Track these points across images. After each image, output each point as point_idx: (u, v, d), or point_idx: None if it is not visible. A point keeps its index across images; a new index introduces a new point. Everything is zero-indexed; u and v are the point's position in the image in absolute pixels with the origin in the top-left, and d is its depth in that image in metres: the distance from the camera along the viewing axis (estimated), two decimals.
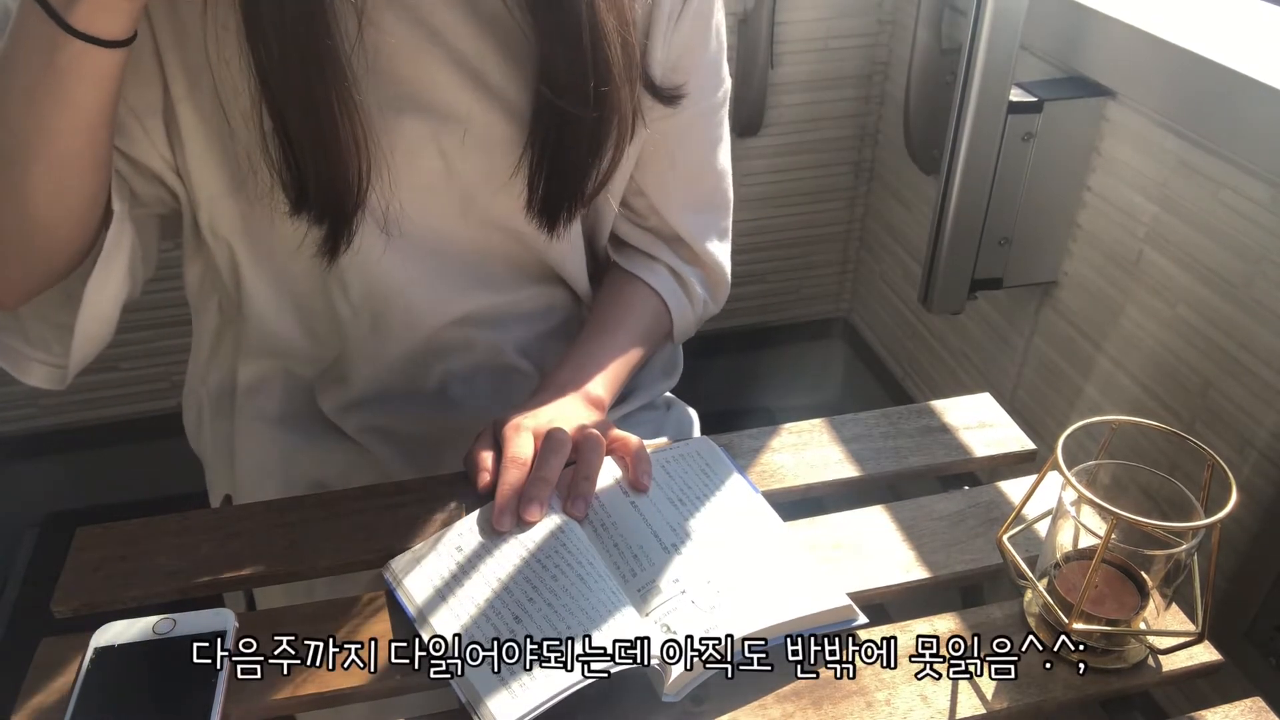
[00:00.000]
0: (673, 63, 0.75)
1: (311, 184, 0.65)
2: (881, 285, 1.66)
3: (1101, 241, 1.09)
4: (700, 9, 0.74)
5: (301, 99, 0.62)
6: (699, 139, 0.81)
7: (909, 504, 0.71)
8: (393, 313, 0.77)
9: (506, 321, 0.82)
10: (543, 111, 0.69)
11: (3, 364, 0.71)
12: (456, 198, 0.73)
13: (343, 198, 0.66)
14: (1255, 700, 0.58)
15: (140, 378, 1.55)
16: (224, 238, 0.73)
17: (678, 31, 0.73)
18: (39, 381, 0.73)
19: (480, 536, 0.64)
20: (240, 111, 0.66)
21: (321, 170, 0.65)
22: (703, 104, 0.79)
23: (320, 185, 0.65)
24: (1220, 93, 0.90)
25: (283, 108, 0.62)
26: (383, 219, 0.70)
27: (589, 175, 0.72)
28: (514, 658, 0.56)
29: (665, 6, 0.72)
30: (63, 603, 0.63)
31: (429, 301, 0.77)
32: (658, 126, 0.76)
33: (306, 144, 0.64)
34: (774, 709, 0.57)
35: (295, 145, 0.64)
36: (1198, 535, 0.57)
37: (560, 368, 0.78)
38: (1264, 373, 0.90)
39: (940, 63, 1.33)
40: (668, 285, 0.85)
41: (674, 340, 0.90)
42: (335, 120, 0.63)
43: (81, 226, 0.65)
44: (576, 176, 0.72)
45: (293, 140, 0.64)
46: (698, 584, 0.61)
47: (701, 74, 0.77)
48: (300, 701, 0.57)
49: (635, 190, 0.81)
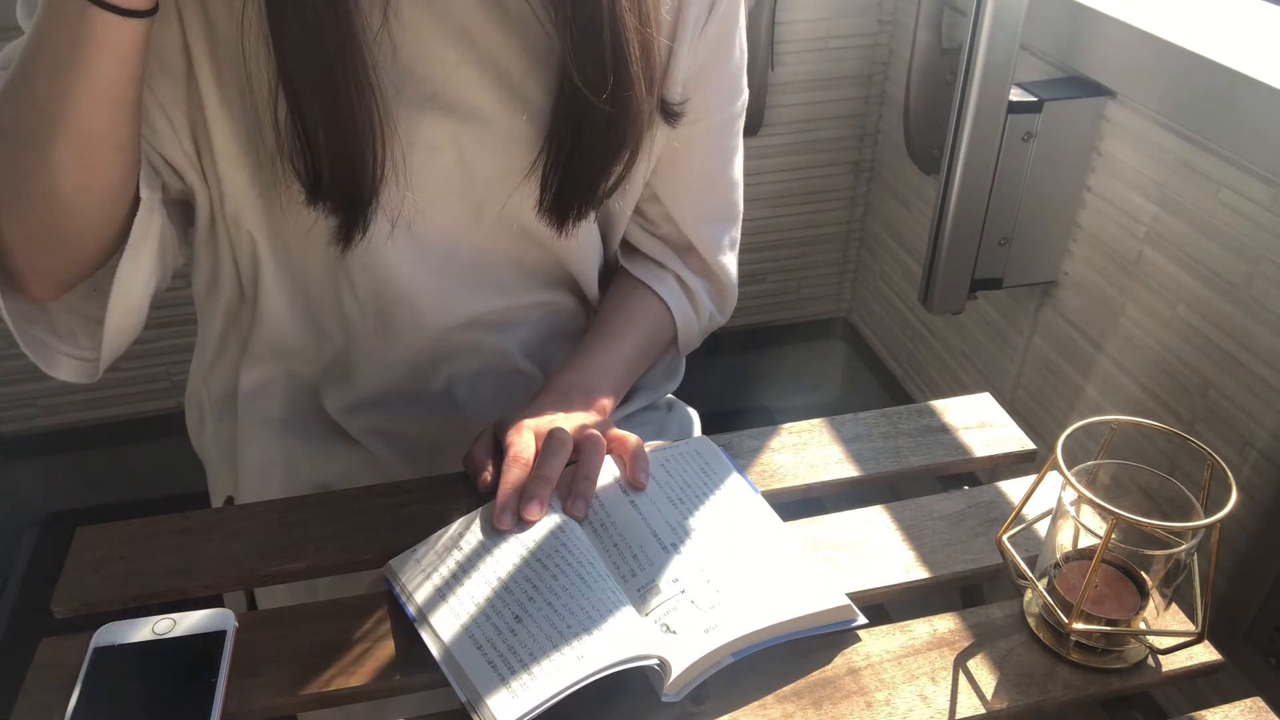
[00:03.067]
0: (696, 72, 0.75)
1: (327, 171, 0.65)
2: (881, 285, 1.66)
3: (1101, 241, 1.09)
4: (727, 12, 0.74)
5: (321, 83, 0.62)
6: (717, 149, 0.81)
7: (909, 504, 0.71)
8: (399, 313, 0.77)
9: (513, 325, 0.83)
10: (562, 111, 0.69)
11: (32, 358, 0.70)
12: (471, 197, 0.73)
13: (358, 185, 0.66)
14: (1255, 700, 0.58)
15: (140, 378, 1.55)
16: (247, 229, 0.73)
17: (703, 39, 0.73)
18: (68, 375, 0.72)
19: (480, 536, 0.64)
20: (262, 99, 0.66)
21: (339, 155, 0.65)
22: (723, 114, 0.79)
23: (336, 171, 0.65)
24: (1220, 93, 0.90)
25: (300, 91, 0.63)
26: (395, 215, 0.71)
27: (603, 176, 0.72)
28: (514, 657, 0.56)
29: (692, 13, 0.71)
30: (63, 603, 0.63)
31: (436, 303, 0.77)
32: (676, 134, 0.76)
33: (323, 128, 0.64)
34: (774, 709, 0.57)
35: (310, 129, 0.64)
36: (1198, 535, 0.57)
37: (563, 371, 0.78)
38: (1264, 373, 0.90)
39: (940, 63, 1.33)
40: (675, 295, 0.85)
41: (679, 351, 0.90)
42: (352, 104, 0.63)
43: (110, 212, 0.66)
44: (590, 177, 0.72)
45: (308, 125, 0.64)
46: (697, 584, 0.61)
47: (724, 85, 0.78)
48: (300, 701, 0.57)
49: (650, 196, 0.81)
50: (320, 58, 0.61)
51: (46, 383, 1.51)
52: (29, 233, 0.64)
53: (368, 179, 0.66)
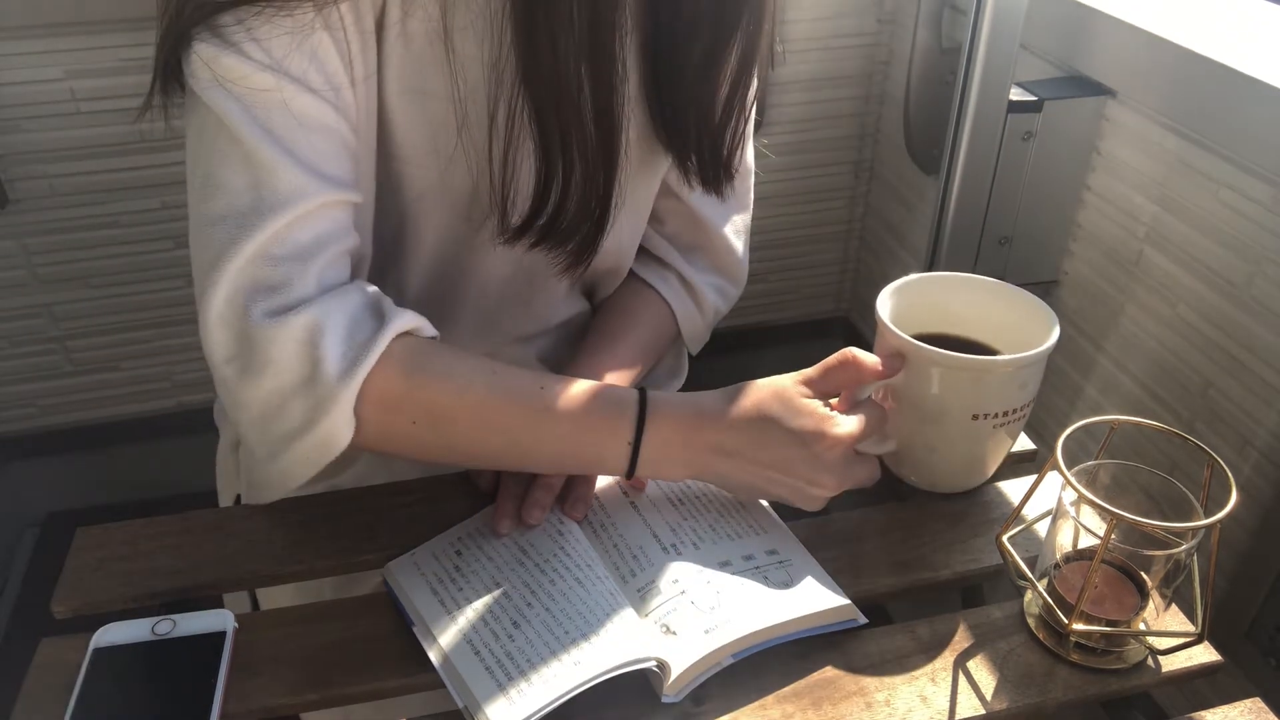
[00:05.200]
0: None
1: (572, 199, 0.66)
2: (881, 285, 1.65)
3: (1102, 241, 1.09)
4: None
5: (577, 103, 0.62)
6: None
7: (909, 504, 0.71)
8: (458, 326, 0.78)
9: (535, 336, 0.83)
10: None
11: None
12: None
13: (601, 209, 0.68)
14: (1255, 700, 0.58)
15: (140, 378, 1.55)
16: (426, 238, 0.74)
17: None
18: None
19: (480, 540, 0.64)
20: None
21: (584, 182, 0.66)
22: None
23: (580, 199, 0.66)
24: (1220, 93, 0.90)
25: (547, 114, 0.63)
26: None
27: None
28: (512, 663, 0.56)
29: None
30: (63, 603, 0.63)
31: (483, 325, 0.78)
32: None
33: (574, 159, 0.64)
34: (774, 709, 0.57)
35: (552, 160, 0.64)
36: (1198, 535, 0.57)
37: (564, 373, 0.78)
38: (1264, 373, 0.90)
39: (940, 62, 1.33)
40: (676, 294, 0.85)
41: (686, 347, 0.90)
42: (614, 128, 0.65)
43: None
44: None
45: (550, 155, 0.64)
46: (697, 584, 0.61)
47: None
48: (300, 702, 0.57)
49: (663, 191, 0.81)
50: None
51: (46, 383, 1.51)
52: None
53: (609, 203, 0.68)
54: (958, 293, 0.71)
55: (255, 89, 0.58)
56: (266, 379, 0.59)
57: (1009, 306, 0.69)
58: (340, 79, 0.61)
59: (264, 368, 0.58)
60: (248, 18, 0.57)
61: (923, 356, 0.63)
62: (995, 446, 0.68)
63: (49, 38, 1.25)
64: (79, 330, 1.47)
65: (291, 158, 0.59)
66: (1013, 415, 0.66)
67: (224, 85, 0.58)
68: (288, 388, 0.59)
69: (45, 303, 1.44)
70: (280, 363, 0.58)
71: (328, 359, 0.58)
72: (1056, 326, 0.65)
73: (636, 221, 0.80)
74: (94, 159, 1.35)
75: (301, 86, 0.59)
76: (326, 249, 0.61)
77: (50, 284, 1.43)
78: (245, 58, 0.57)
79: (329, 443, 0.60)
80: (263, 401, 0.60)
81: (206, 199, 0.60)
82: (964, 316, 0.70)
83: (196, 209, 0.60)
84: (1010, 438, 0.68)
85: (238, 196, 0.59)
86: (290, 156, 0.59)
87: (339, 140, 0.62)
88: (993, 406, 0.64)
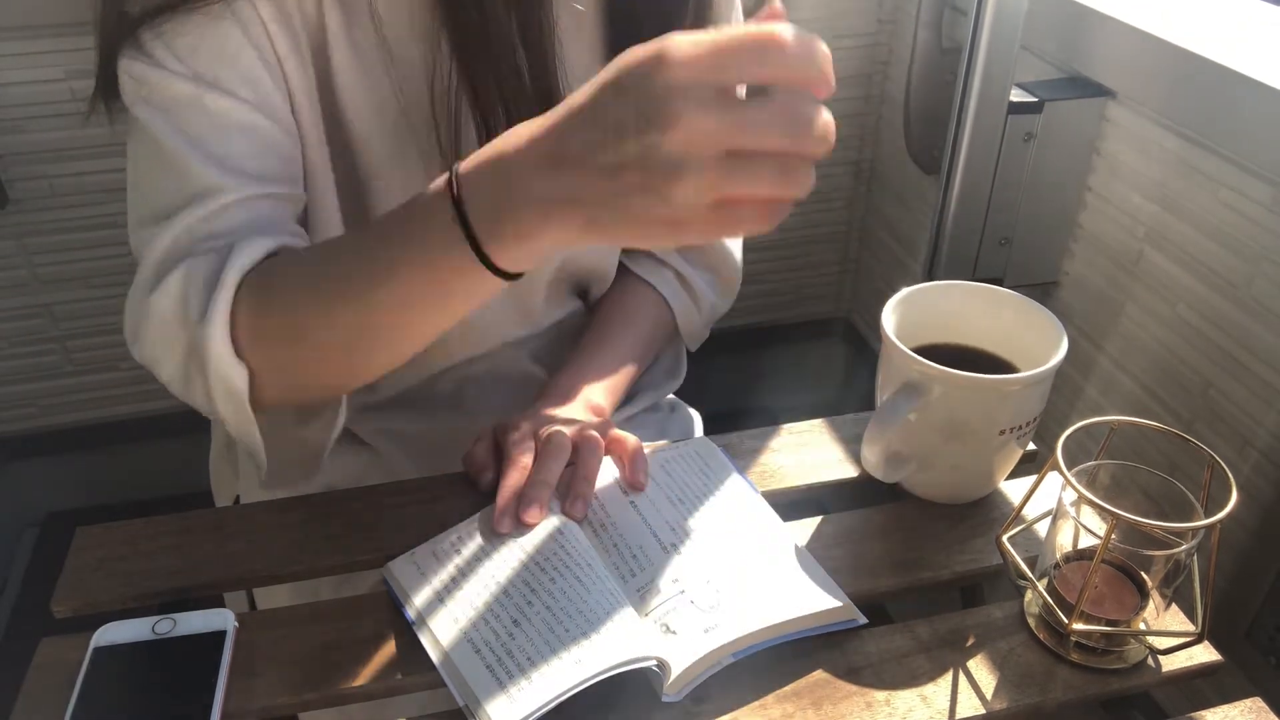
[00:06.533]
0: None
1: None
2: (881, 285, 1.65)
3: (1102, 241, 1.09)
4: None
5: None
6: None
7: (909, 504, 0.71)
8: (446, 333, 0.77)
9: (529, 337, 0.83)
10: None
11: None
12: None
13: None
14: (1255, 700, 0.58)
15: (140, 377, 1.54)
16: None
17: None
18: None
19: (479, 539, 0.64)
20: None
21: None
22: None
23: None
24: (1220, 93, 0.90)
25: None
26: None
27: None
28: (512, 661, 0.56)
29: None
30: (63, 603, 0.63)
31: (470, 330, 0.78)
32: None
33: None
34: (774, 709, 0.57)
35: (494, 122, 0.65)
36: (1198, 535, 0.57)
37: (562, 374, 0.78)
38: (1264, 373, 0.90)
39: (940, 63, 1.33)
40: (673, 290, 0.85)
41: (685, 343, 0.90)
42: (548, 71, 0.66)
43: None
44: None
45: None
46: (697, 584, 0.61)
47: None
48: (300, 701, 0.57)
49: None
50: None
51: (46, 383, 1.51)
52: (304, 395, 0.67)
53: None
54: (959, 301, 0.71)
55: (175, 98, 0.61)
56: (163, 351, 0.63)
57: (1010, 312, 0.70)
58: (257, 74, 0.63)
59: (157, 339, 0.62)
60: (162, 25, 0.60)
61: (950, 380, 0.63)
62: (1011, 455, 0.69)
63: (49, 38, 1.25)
64: (79, 330, 1.47)
65: (209, 158, 0.61)
66: (1031, 424, 0.67)
67: (147, 100, 0.62)
68: (180, 351, 0.62)
69: (45, 303, 1.44)
70: (166, 324, 0.61)
71: (191, 310, 0.60)
72: (1064, 332, 0.66)
73: None
74: (94, 159, 1.35)
75: (219, 91, 0.62)
76: (248, 240, 0.61)
77: (50, 284, 1.43)
78: (163, 70, 0.61)
79: (232, 390, 0.61)
80: (177, 371, 0.63)
81: (136, 205, 0.64)
82: (967, 325, 0.70)
83: (129, 214, 0.64)
84: (1024, 445, 0.69)
85: (160, 198, 0.62)
86: (208, 157, 0.61)
87: (262, 138, 0.64)
88: (1016, 420, 0.65)
